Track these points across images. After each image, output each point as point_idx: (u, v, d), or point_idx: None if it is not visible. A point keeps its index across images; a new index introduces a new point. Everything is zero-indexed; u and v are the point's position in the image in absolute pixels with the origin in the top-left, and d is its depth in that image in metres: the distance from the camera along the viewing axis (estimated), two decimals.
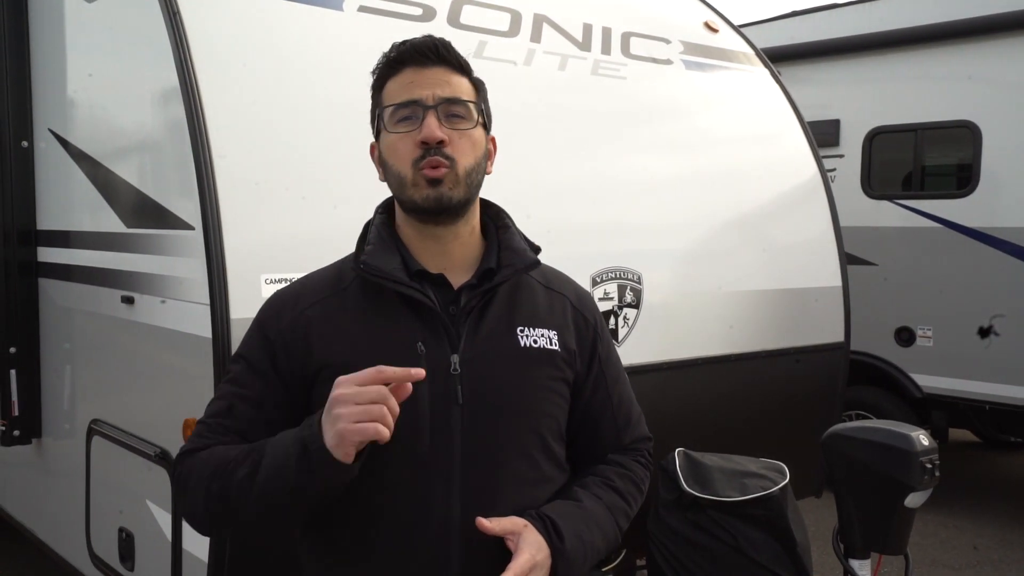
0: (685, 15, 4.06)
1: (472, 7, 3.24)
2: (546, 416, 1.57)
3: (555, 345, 1.57)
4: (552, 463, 1.58)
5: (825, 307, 3.88)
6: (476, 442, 1.49)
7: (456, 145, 1.49)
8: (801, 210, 3.94)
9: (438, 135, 1.46)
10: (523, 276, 1.61)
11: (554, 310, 1.62)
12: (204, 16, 2.60)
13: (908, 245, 5.61)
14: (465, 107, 1.51)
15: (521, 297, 1.59)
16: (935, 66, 5.54)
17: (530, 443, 1.54)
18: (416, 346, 1.49)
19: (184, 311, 2.52)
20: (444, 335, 1.51)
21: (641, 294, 3.23)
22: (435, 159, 1.47)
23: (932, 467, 2.49)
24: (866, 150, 5.81)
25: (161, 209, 2.67)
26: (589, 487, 1.60)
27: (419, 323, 1.51)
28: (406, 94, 1.50)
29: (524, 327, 1.56)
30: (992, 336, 5.23)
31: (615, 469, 1.66)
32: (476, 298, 1.53)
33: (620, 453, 1.70)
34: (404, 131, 1.49)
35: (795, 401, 3.75)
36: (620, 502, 1.62)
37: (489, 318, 1.54)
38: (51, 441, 3.47)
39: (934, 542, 5.13)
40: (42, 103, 3.38)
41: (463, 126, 1.51)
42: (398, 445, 1.40)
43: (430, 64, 1.51)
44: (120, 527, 2.92)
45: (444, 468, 1.48)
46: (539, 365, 1.56)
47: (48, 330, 3.43)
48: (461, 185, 1.50)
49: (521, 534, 1.44)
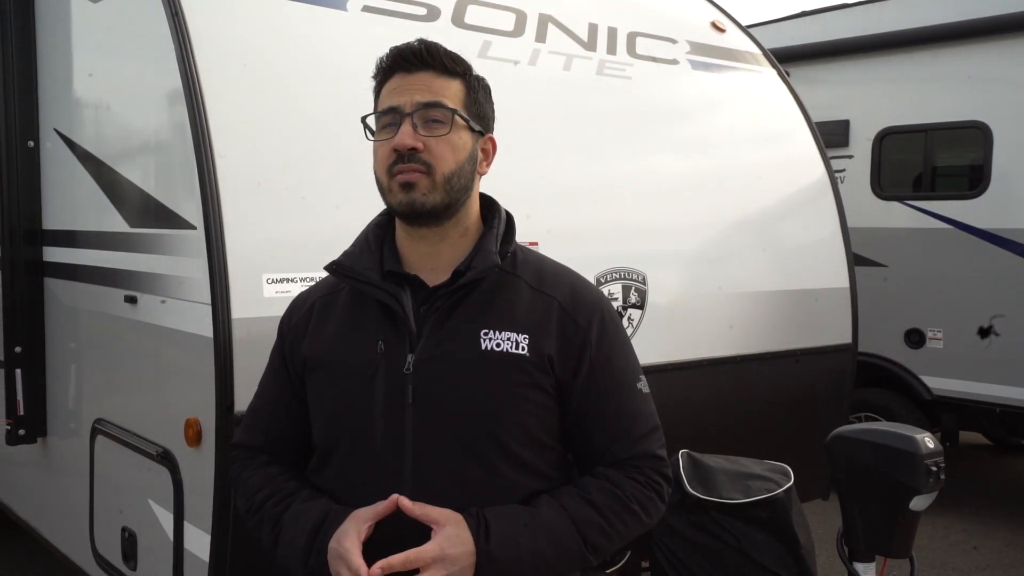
0: (692, 15, 4.04)
1: (477, 7, 3.23)
2: (508, 421, 1.51)
3: (522, 349, 1.51)
4: (519, 470, 1.52)
5: (832, 308, 3.86)
6: (425, 443, 1.49)
7: (433, 151, 1.49)
8: (808, 211, 3.92)
9: (408, 143, 1.48)
10: (509, 276, 1.58)
11: (534, 312, 1.56)
12: (207, 16, 2.60)
13: (918, 246, 5.57)
14: (443, 112, 1.51)
15: (499, 299, 1.56)
16: (945, 66, 5.50)
17: (486, 448, 1.50)
18: (377, 344, 1.53)
19: (186, 311, 2.52)
20: (406, 335, 1.53)
21: (646, 295, 3.21)
22: (409, 166, 1.48)
23: (937, 470, 2.47)
24: (876, 151, 5.78)
25: (164, 209, 2.67)
26: (559, 496, 1.53)
27: (387, 322, 1.55)
28: (387, 101, 1.53)
29: (490, 330, 1.52)
30: (1001, 337, 5.19)
31: (598, 483, 1.56)
32: (443, 299, 1.53)
33: (614, 467, 1.58)
34: (383, 139, 1.52)
35: (802, 403, 3.72)
36: (594, 516, 1.52)
37: (455, 319, 1.53)
38: (56, 440, 3.47)
39: (943, 545, 5.09)
40: (48, 103, 3.39)
41: (441, 131, 1.50)
42: (354, 440, 1.54)
43: (415, 69, 1.52)
44: (123, 526, 2.93)
45: (395, 468, 1.50)
46: (500, 369, 1.50)
47: (53, 329, 3.43)
48: (438, 191, 1.50)
49: (444, 527, 1.42)
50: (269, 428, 1.72)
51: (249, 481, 1.67)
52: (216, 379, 2.38)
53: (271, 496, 1.61)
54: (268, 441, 1.71)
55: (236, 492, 1.73)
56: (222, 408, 2.38)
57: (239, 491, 1.71)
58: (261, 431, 1.72)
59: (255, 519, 1.64)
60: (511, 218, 1.66)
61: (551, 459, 1.58)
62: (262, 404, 1.75)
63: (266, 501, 1.61)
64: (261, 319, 2.35)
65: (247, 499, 1.66)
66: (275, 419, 1.71)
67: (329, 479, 1.59)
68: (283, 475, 1.65)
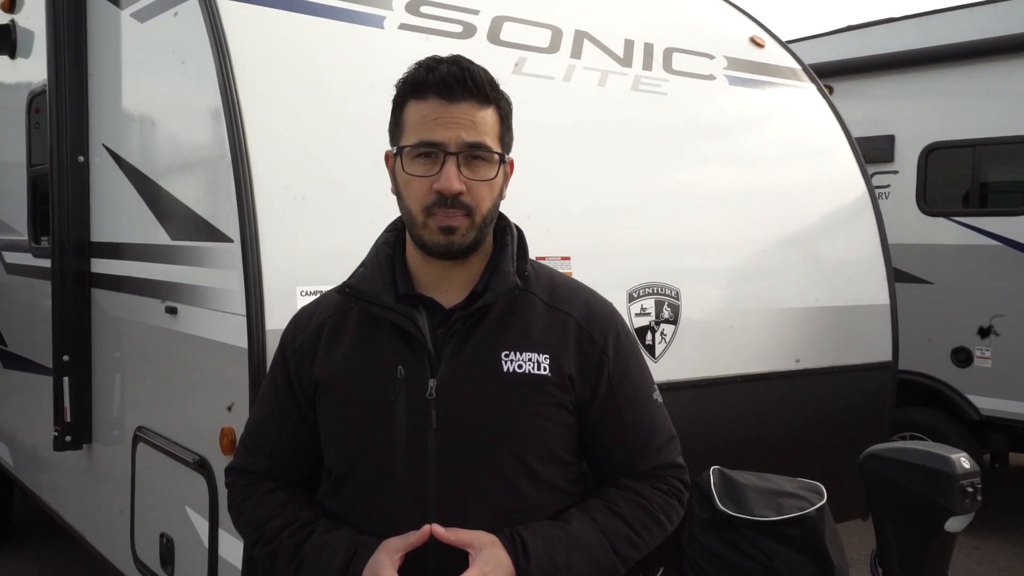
0: (730, 30, 4.03)
1: (512, 24, 3.26)
2: (531, 442, 1.51)
3: (544, 370, 1.51)
4: (542, 489, 1.53)
5: (872, 325, 3.80)
6: (450, 467, 1.48)
7: (475, 194, 1.47)
8: (848, 228, 3.86)
9: (455, 187, 1.44)
10: (523, 294, 1.56)
11: (552, 331, 1.55)
12: (247, 35, 2.67)
13: (966, 263, 5.46)
14: (488, 153, 1.48)
15: (515, 318, 1.54)
16: (994, 81, 5.40)
17: (510, 469, 1.49)
18: (397, 369, 1.51)
19: (222, 321, 2.58)
20: (425, 359, 1.51)
21: (679, 310, 3.20)
22: (452, 211, 1.45)
23: (974, 491, 2.41)
24: (922, 166, 5.68)
25: (203, 222, 2.74)
26: (588, 509, 1.53)
27: (404, 346, 1.52)
28: (428, 133, 1.45)
29: (510, 351, 1.51)
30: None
31: (624, 494, 1.57)
32: (461, 321, 1.51)
33: (637, 479, 1.60)
34: (421, 173, 1.46)
35: (839, 421, 3.66)
36: (623, 528, 1.53)
37: (474, 341, 1.51)
38: (100, 447, 3.56)
39: (993, 570, 4.96)
40: (98, 119, 3.50)
41: (484, 174, 1.48)
42: (374, 467, 1.49)
43: (457, 98, 1.46)
44: (162, 532, 2.99)
45: (419, 493, 1.48)
46: (522, 390, 1.50)
47: (99, 339, 3.53)
48: (474, 230, 1.49)
49: (482, 550, 1.41)
50: (273, 450, 1.66)
51: (256, 510, 1.62)
52: (250, 389, 2.42)
53: (286, 526, 1.57)
54: (272, 465, 1.66)
55: (238, 520, 1.67)
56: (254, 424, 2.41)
57: (243, 519, 1.65)
58: (265, 453, 1.67)
59: (267, 550, 1.58)
60: (522, 234, 1.64)
61: (569, 475, 1.59)
62: (264, 426, 1.69)
63: (280, 532, 1.56)
64: None
65: (256, 529, 1.61)
66: (279, 441, 1.66)
67: (346, 503, 1.56)
68: (293, 503, 1.61)
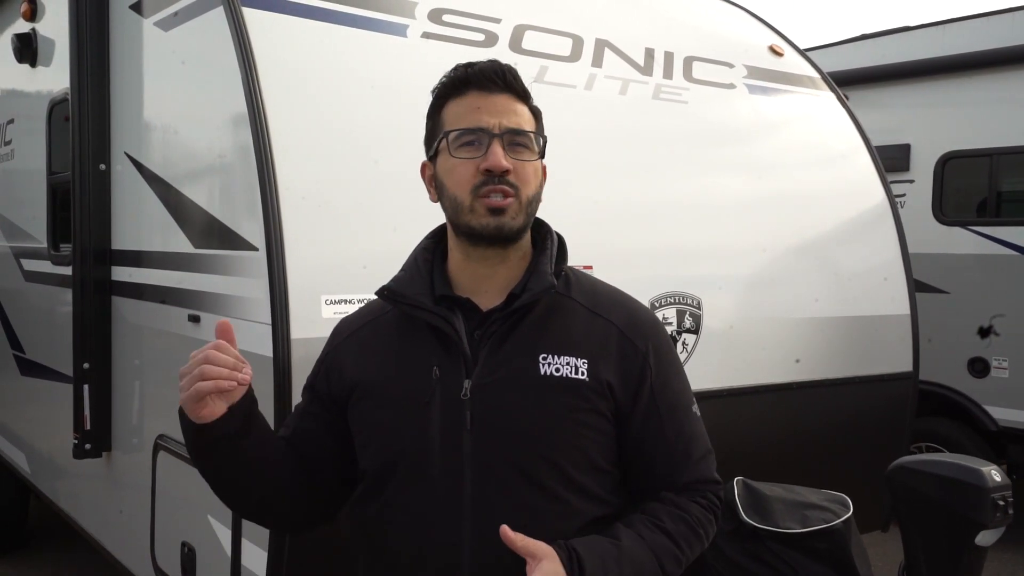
0: (750, 39, 4.03)
1: (534, 32, 3.26)
2: (568, 447, 1.50)
3: (582, 375, 1.50)
4: (579, 495, 1.51)
5: (893, 335, 3.78)
6: (485, 469, 1.48)
7: (520, 174, 1.50)
8: (868, 236, 3.85)
9: (504, 164, 1.47)
10: (563, 298, 1.57)
11: (592, 337, 1.55)
12: (272, 43, 2.68)
13: (983, 273, 5.44)
14: (529, 138, 1.52)
15: (555, 321, 1.55)
16: (1011, 90, 5.38)
17: (545, 473, 1.48)
18: (432, 370, 1.52)
19: (247, 330, 2.57)
20: (460, 360, 1.51)
21: (701, 319, 3.19)
22: (501, 188, 1.48)
23: (1005, 504, 2.39)
24: (938, 175, 5.67)
25: (227, 230, 2.74)
26: (634, 525, 1.52)
27: (440, 347, 1.53)
28: (472, 120, 1.50)
29: (548, 354, 1.51)
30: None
31: (668, 509, 1.55)
32: (498, 323, 1.52)
33: (678, 492, 1.58)
34: (466, 157, 1.50)
35: (861, 431, 3.65)
36: (668, 544, 1.51)
37: (511, 343, 1.52)
38: (120, 455, 3.56)
39: None
40: (119, 127, 3.50)
41: (527, 156, 1.52)
42: (409, 468, 1.51)
43: (496, 90, 1.51)
44: (183, 541, 2.98)
45: (455, 493, 1.48)
46: (559, 394, 1.49)
47: (120, 347, 3.53)
48: (523, 213, 1.51)
49: (541, 561, 1.39)
50: (292, 438, 1.66)
51: None
52: (275, 398, 2.42)
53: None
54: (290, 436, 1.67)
55: None
56: (279, 427, 2.41)
57: None
58: (288, 428, 1.69)
59: None
60: (562, 240, 1.65)
61: (608, 484, 1.57)
62: (291, 419, 1.71)
63: None
64: (319, 339, 2.35)
65: None
66: (295, 432, 1.67)
67: (382, 507, 1.55)
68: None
